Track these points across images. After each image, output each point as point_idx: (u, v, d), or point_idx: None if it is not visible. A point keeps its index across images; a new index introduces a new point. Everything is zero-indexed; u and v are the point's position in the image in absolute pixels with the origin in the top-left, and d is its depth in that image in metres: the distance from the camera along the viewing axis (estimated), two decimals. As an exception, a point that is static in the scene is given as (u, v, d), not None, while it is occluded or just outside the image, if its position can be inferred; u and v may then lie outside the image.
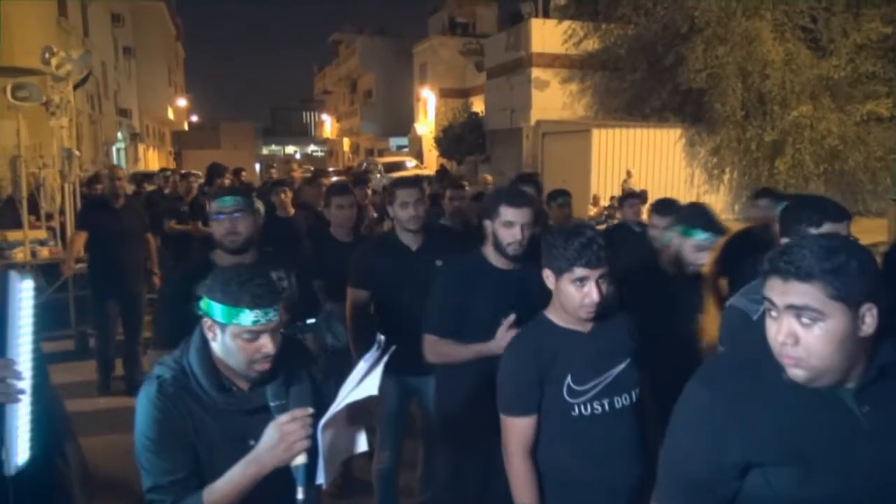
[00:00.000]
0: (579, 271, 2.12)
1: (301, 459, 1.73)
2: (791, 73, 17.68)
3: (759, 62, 17.67)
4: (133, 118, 31.36)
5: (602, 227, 5.59)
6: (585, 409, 2.18)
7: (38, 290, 1.94)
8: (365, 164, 28.95)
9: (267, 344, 1.78)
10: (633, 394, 2.24)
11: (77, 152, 7.80)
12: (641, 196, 5.59)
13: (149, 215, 6.53)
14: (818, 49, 18.06)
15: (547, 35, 21.14)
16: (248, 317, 1.74)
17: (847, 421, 1.42)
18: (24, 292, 1.78)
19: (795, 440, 1.41)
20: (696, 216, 2.98)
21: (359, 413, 1.88)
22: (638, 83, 19.64)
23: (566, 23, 20.83)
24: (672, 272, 2.96)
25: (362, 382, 1.78)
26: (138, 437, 1.80)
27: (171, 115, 38.10)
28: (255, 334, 1.76)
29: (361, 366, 1.80)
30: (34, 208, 7.59)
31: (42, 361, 2.07)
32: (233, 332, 1.76)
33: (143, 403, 1.81)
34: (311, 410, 1.75)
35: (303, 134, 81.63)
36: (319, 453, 1.78)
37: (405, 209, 3.35)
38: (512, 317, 2.57)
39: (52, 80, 7.48)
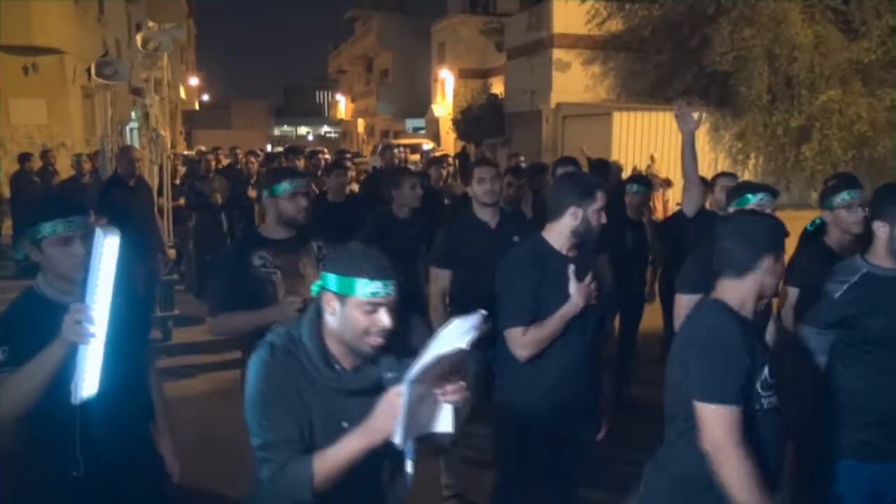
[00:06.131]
0: (773, 255, 2.10)
1: (399, 425, 1.70)
2: (820, 57, 17.28)
3: (787, 45, 17.26)
4: (146, 97, 31.08)
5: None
6: (765, 404, 2.05)
7: None
8: (381, 146, 28.59)
9: (384, 318, 1.81)
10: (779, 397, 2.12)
11: (163, 132, 7.75)
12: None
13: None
14: (849, 31, 17.61)
15: (569, 15, 20.68)
16: (368, 287, 1.79)
17: None
18: (107, 248, 1.96)
19: None
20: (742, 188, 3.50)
21: (450, 378, 1.75)
22: (662, 65, 19.23)
23: (589, 2, 20.35)
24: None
25: (453, 336, 1.67)
26: (249, 397, 1.86)
27: (182, 94, 37.77)
28: (374, 306, 1.81)
29: (456, 323, 1.69)
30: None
31: (140, 320, 2.46)
32: (353, 304, 1.81)
33: (255, 365, 1.87)
34: (412, 376, 1.70)
35: (316, 114, 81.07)
36: (401, 414, 1.70)
37: (482, 184, 3.76)
38: (589, 278, 2.79)
39: (144, 56, 7.33)
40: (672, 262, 4.87)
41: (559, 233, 2.84)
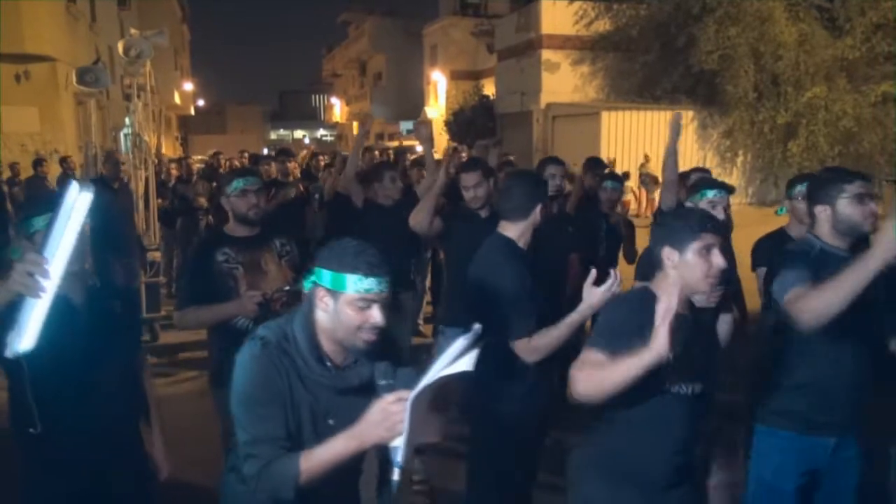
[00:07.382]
0: (708, 238, 2.08)
1: (401, 441, 1.70)
2: (805, 54, 17.48)
3: (772, 43, 17.48)
4: (131, 103, 31.12)
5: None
6: (673, 388, 2.12)
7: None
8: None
9: (377, 315, 1.81)
10: (703, 385, 2.17)
11: (146, 138, 7.74)
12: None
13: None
14: (834, 28, 17.81)
15: (558, 16, 20.87)
16: (361, 284, 1.79)
17: None
18: (79, 203, 1.79)
19: None
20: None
21: (442, 396, 1.80)
22: (650, 65, 19.44)
23: (577, 3, 20.57)
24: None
25: (458, 359, 1.69)
26: (237, 392, 1.85)
27: (177, 99, 37.82)
28: (367, 303, 1.80)
29: (460, 342, 1.71)
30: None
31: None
32: (345, 300, 1.80)
33: (245, 360, 1.85)
34: (416, 393, 1.68)
35: (312, 118, 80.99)
36: (404, 429, 1.70)
37: (468, 192, 3.86)
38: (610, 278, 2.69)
39: (127, 63, 7.36)
40: None
41: (525, 230, 2.90)
